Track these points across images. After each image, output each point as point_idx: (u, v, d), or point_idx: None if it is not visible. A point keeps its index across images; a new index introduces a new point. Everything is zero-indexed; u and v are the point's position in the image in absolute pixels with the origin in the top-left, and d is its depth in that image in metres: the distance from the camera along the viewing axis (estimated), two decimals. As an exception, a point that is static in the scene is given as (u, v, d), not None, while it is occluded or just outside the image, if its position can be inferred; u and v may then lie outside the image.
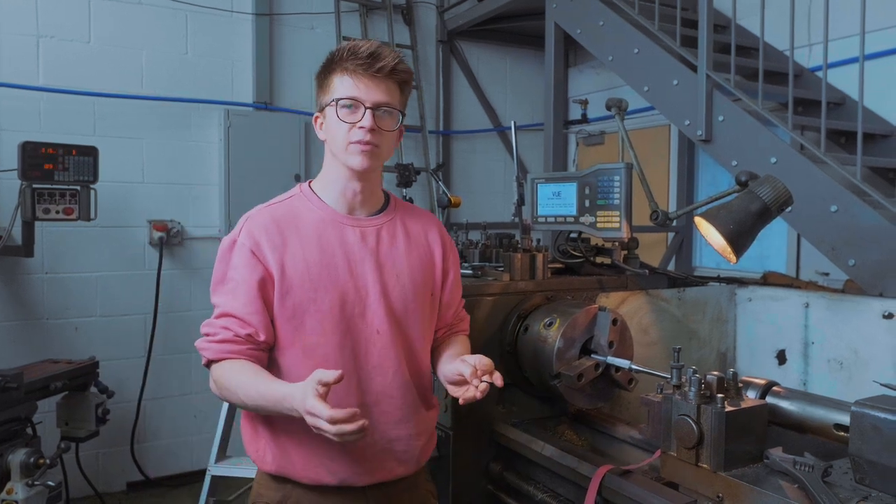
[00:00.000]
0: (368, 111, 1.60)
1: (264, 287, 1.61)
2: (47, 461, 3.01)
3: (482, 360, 1.57)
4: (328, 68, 1.66)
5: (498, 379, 1.55)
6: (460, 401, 1.56)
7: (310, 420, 1.39)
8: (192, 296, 4.68)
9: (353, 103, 1.60)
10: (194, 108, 4.67)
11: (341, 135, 1.62)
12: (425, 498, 1.85)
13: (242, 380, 1.57)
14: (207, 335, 1.63)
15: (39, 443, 3.21)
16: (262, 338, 1.61)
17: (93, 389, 3.62)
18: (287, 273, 1.61)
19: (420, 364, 1.77)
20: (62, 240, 4.28)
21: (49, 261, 4.26)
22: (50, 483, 2.99)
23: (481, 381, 1.54)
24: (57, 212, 3.64)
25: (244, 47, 4.84)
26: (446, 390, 1.67)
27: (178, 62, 4.63)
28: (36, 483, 2.94)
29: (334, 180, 1.70)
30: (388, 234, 1.73)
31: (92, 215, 3.74)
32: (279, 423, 1.64)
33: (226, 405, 3.52)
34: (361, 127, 1.60)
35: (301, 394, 1.41)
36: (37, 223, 3.73)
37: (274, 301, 1.62)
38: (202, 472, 3.58)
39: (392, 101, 1.64)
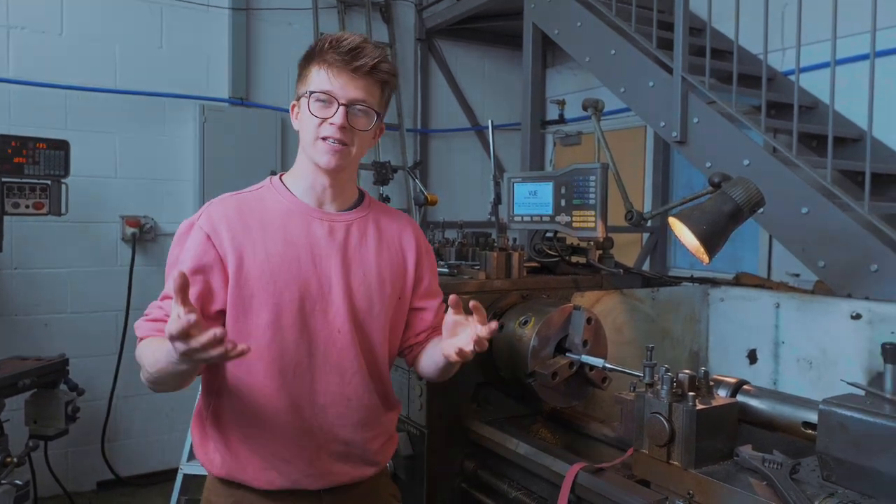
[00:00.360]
0: (342, 108, 1.54)
1: (208, 272, 1.54)
2: (15, 460, 2.96)
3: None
4: (308, 58, 1.59)
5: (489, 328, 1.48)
6: (469, 347, 1.47)
7: (173, 332, 1.23)
8: (165, 293, 4.62)
9: (327, 98, 1.54)
10: (169, 102, 4.62)
11: (311, 129, 1.56)
12: (387, 501, 1.80)
13: (150, 349, 1.48)
14: (145, 315, 1.58)
15: (7, 441, 3.14)
16: None
17: (62, 387, 3.55)
18: (245, 262, 1.54)
19: (380, 366, 1.71)
20: (32, 235, 4.21)
21: (18, 256, 4.19)
22: (17, 482, 2.93)
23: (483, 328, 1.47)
24: (27, 206, 3.57)
25: (220, 42, 4.79)
26: (433, 374, 1.68)
27: (153, 56, 4.57)
28: (3, 482, 2.89)
29: (304, 174, 1.64)
30: (358, 232, 1.66)
31: (63, 210, 3.68)
32: (229, 424, 1.60)
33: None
34: (332, 123, 1.54)
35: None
36: (6, 218, 3.66)
37: (225, 291, 1.54)
38: (173, 471, 3.55)
39: (368, 100, 1.57)
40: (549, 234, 2.64)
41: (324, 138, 1.55)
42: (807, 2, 3.01)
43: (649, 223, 4.79)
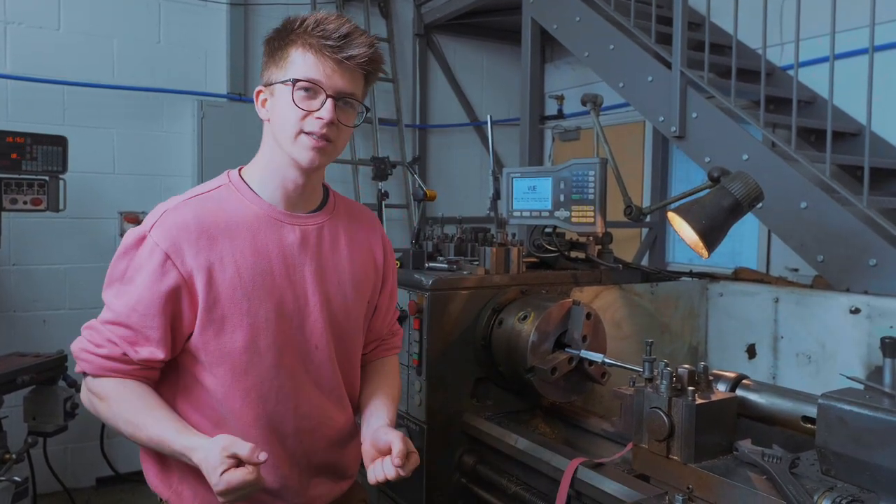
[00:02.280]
0: (329, 100, 1.37)
1: (175, 298, 1.36)
2: (13, 456, 2.95)
3: (403, 447, 1.39)
4: (285, 38, 1.40)
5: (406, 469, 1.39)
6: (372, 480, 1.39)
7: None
8: (163, 289, 4.62)
9: (313, 87, 1.37)
10: (167, 98, 4.60)
11: (292, 121, 1.38)
12: None
13: (131, 411, 1.34)
14: (91, 343, 1.38)
15: (5, 437, 3.14)
16: (160, 357, 1.36)
17: (61, 383, 3.55)
18: (215, 281, 1.37)
19: (355, 378, 1.61)
20: (30, 231, 4.20)
21: (16, 252, 4.18)
22: (16, 478, 2.93)
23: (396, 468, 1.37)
24: (24, 202, 3.56)
25: (218, 37, 4.77)
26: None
27: (151, 51, 4.56)
28: (2, 478, 2.89)
29: (274, 170, 1.46)
30: (330, 235, 1.51)
31: (61, 206, 3.67)
32: None
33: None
34: (319, 118, 1.37)
35: (207, 463, 1.23)
36: (4, 214, 3.65)
37: (194, 314, 1.37)
38: (173, 467, 3.55)
39: (356, 93, 1.42)
40: (548, 230, 2.63)
41: (308, 133, 1.39)
42: (806, -4, 3.00)
43: (648, 218, 4.76)
